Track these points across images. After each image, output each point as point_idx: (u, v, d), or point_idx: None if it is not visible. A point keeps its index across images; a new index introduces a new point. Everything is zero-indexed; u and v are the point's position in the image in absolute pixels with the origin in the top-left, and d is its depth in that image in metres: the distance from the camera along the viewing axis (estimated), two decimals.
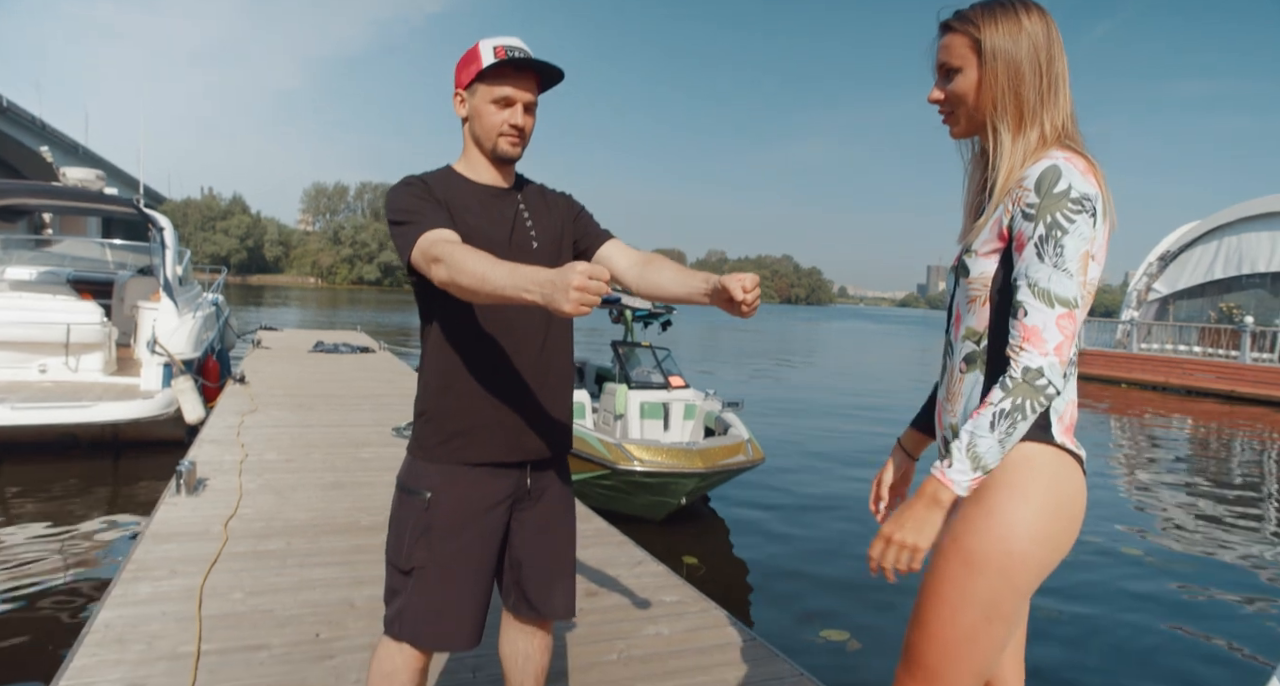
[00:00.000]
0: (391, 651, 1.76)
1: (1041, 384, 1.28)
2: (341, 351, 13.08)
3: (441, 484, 1.73)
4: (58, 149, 28.29)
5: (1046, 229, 1.29)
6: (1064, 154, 1.34)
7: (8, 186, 8.72)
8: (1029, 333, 1.29)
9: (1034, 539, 1.33)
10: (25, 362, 7.64)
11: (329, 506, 4.40)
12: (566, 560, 1.90)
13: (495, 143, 1.74)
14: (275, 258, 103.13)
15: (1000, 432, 1.29)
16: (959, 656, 1.36)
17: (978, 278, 1.41)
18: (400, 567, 1.74)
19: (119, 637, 2.70)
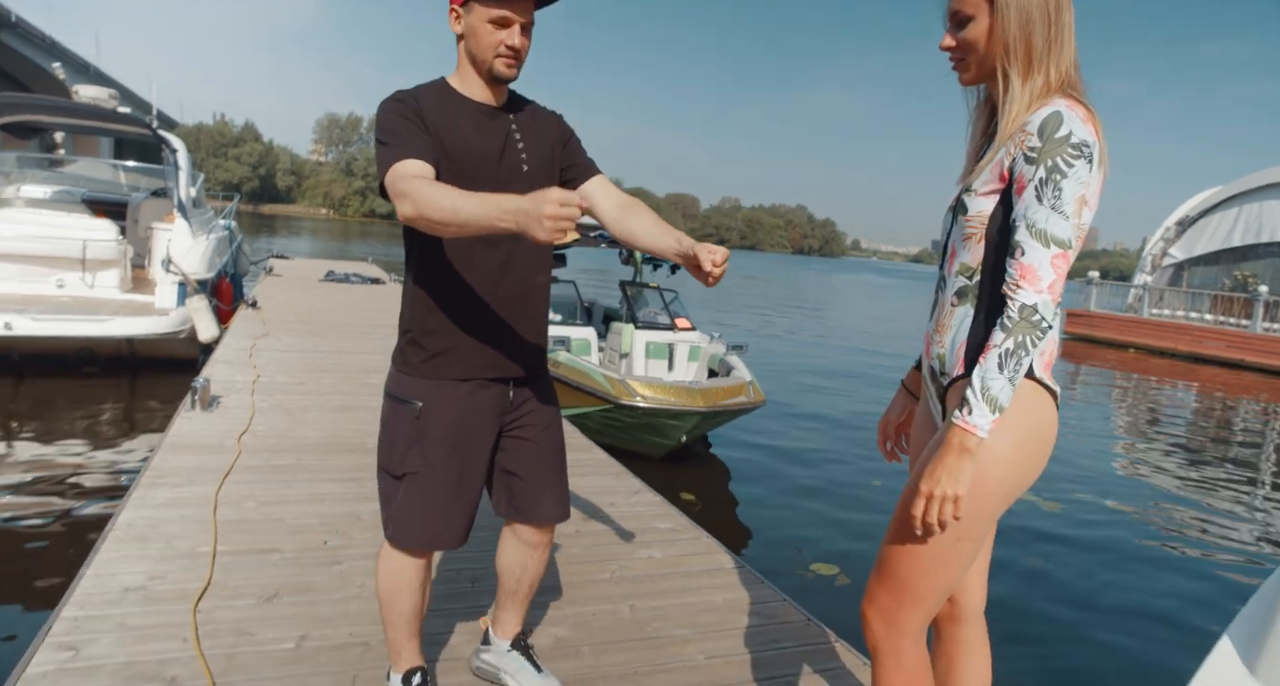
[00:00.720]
0: (391, 553, 1.87)
1: (1036, 319, 1.34)
2: (352, 281, 13.17)
3: (431, 395, 1.81)
4: (69, 67, 27.89)
5: (1047, 172, 1.35)
6: (1066, 102, 1.38)
7: (22, 100, 8.70)
8: (1025, 271, 1.35)
9: (1006, 465, 1.41)
10: (43, 277, 7.74)
11: (337, 427, 4.53)
12: (555, 468, 1.99)
13: (491, 64, 1.74)
14: (287, 187, 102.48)
15: (1009, 371, 1.34)
16: (928, 571, 1.46)
17: (975, 215, 1.47)
18: (393, 473, 1.83)
19: (140, 536, 2.84)
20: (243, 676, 2.07)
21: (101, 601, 2.38)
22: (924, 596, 1.48)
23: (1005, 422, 1.40)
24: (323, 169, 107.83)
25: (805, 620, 2.69)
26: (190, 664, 2.10)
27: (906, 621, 1.49)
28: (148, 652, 2.14)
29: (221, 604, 2.43)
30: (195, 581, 2.55)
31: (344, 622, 2.39)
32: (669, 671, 2.31)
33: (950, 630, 1.72)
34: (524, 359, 1.89)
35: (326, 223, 76.05)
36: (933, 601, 1.49)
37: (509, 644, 2.12)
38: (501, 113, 1.83)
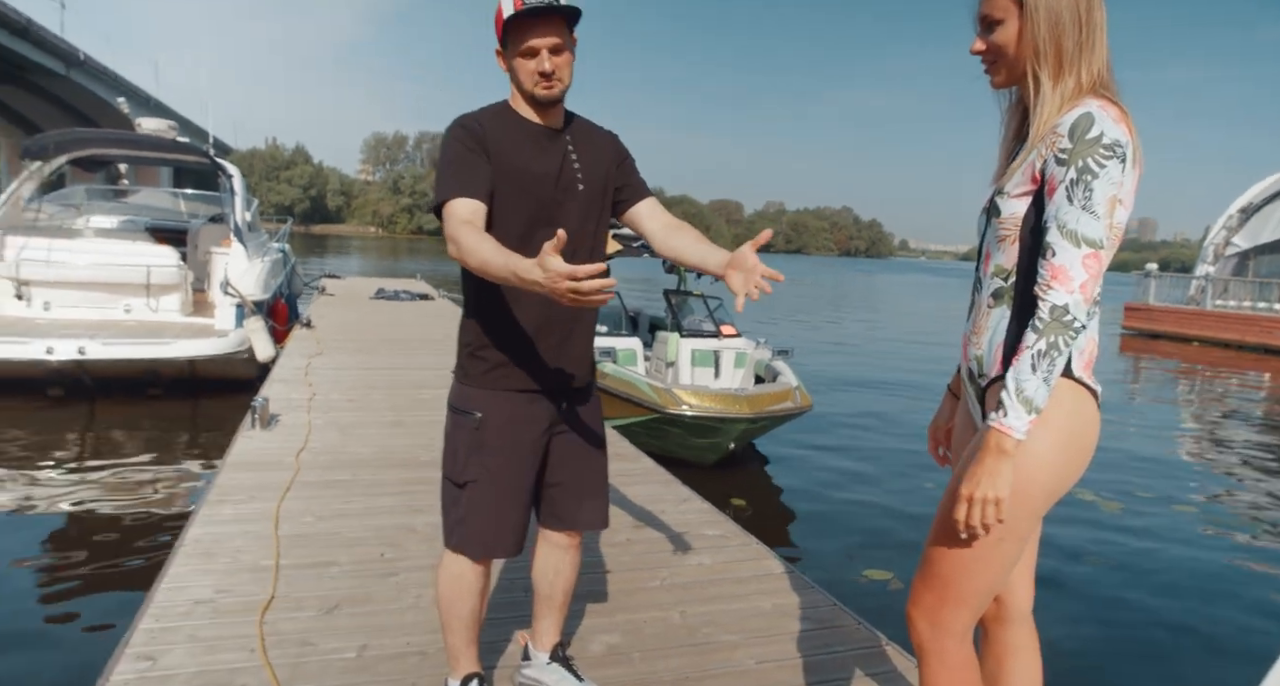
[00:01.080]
0: (452, 558, 1.94)
1: (1068, 320, 1.34)
2: (402, 298, 13.44)
3: (490, 406, 1.89)
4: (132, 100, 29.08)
5: (1078, 173, 1.35)
6: (1098, 102, 1.38)
7: (90, 135, 9.13)
8: (1056, 271, 1.35)
9: (1049, 466, 1.41)
10: (112, 303, 8.10)
11: (390, 442, 4.64)
12: (597, 479, 2.06)
13: (533, 91, 1.82)
14: (337, 207, 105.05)
15: (1043, 372, 1.34)
16: (971, 571, 1.47)
17: (1009, 218, 1.48)
18: (455, 481, 1.91)
19: (206, 551, 2.96)
20: (308, 684, 2.15)
21: (174, 614, 2.49)
22: (967, 596, 1.48)
23: (1044, 423, 1.39)
24: (371, 188, 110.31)
25: (856, 624, 2.69)
26: (258, 673, 2.19)
27: (951, 621, 1.50)
28: (218, 662, 2.23)
29: (285, 615, 2.52)
30: (260, 594, 2.65)
31: (401, 632, 2.47)
32: (719, 676, 2.33)
33: (997, 631, 1.71)
34: (576, 372, 1.97)
35: (376, 240, 77.68)
36: (977, 601, 1.49)
37: (548, 656, 2.16)
38: (559, 134, 1.91)
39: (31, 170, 8.92)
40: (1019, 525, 1.43)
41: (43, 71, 53.45)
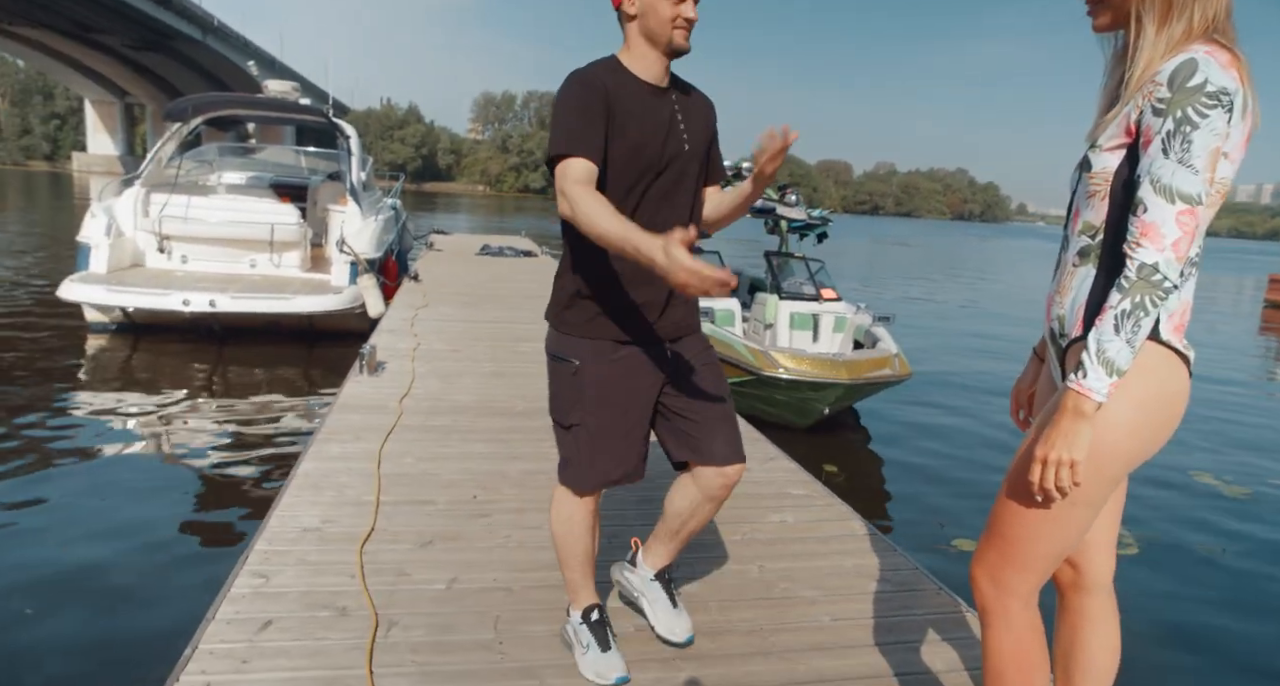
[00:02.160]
0: (563, 497, 2.02)
1: (1157, 279, 1.27)
2: (506, 254, 13.75)
3: (587, 353, 1.92)
4: (260, 64, 30.52)
5: (1175, 124, 1.26)
6: (1206, 47, 1.28)
7: (223, 98, 9.71)
8: (1147, 228, 1.27)
9: (1127, 430, 1.36)
10: (240, 258, 8.67)
11: (489, 391, 4.82)
12: (723, 411, 2.03)
13: (671, 36, 1.79)
14: (447, 166, 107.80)
15: (1126, 333, 1.28)
16: (1039, 534, 1.43)
17: (1099, 172, 1.40)
18: (562, 424, 1.98)
19: (315, 484, 3.18)
20: (400, 610, 2.30)
21: (285, 539, 2.69)
22: (1034, 559, 1.45)
23: (1124, 386, 1.33)
24: (480, 147, 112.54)
25: (937, 589, 2.65)
26: (357, 597, 2.35)
27: (1016, 582, 1.47)
28: (323, 584, 2.41)
29: (383, 547, 2.69)
30: (361, 526, 2.83)
31: (489, 569, 2.59)
32: (794, 630, 2.35)
33: (1075, 600, 1.67)
34: (676, 321, 1.98)
35: (484, 199, 79.52)
36: (1043, 565, 1.45)
37: (653, 573, 2.24)
38: (666, 92, 1.90)
39: (172, 131, 9.54)
40: (1093, 490, 1.38)
41: (182, 38, 56.75)
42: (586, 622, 2.07)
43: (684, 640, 2.15)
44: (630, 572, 2.29)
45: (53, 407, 5.58)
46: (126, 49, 59.92)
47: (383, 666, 2.03)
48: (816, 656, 2.23)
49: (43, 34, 58.37)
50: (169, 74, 68.46)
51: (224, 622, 2.17)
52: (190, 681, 1.92)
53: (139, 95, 76.80)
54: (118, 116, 79.15)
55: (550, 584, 2.51)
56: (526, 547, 2.78)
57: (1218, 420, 7.79)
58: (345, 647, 2.10)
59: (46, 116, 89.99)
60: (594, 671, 2.01)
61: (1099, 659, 1.67)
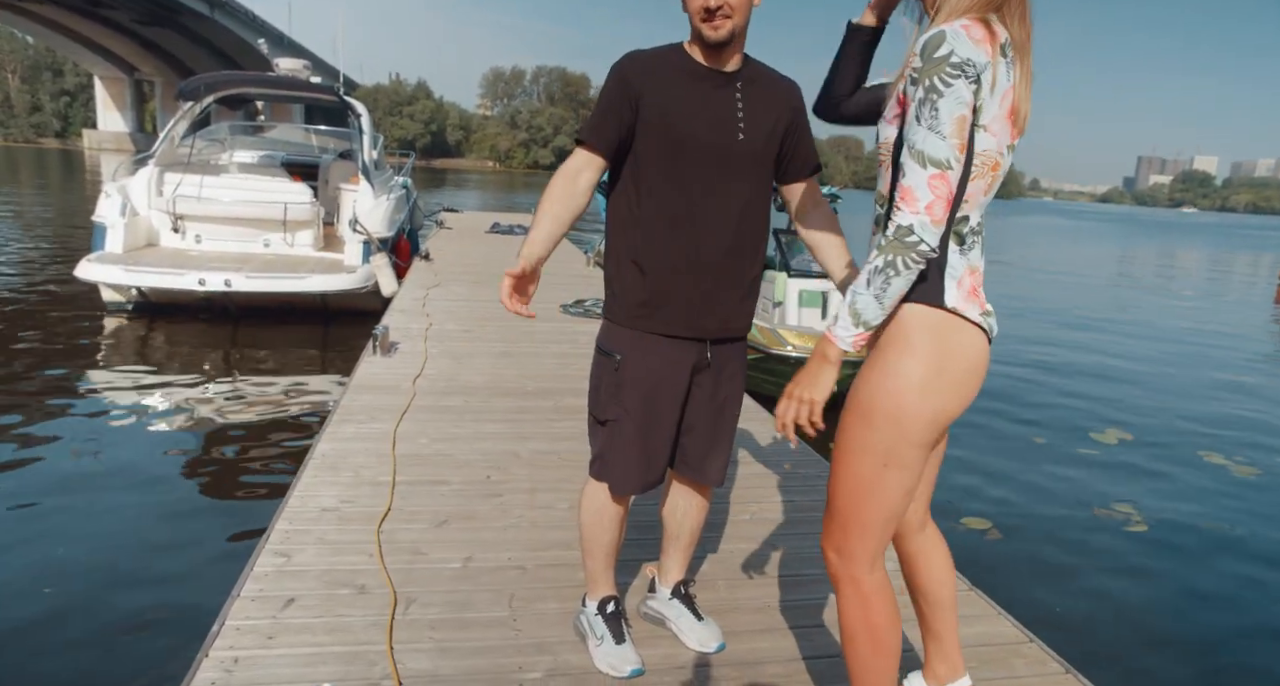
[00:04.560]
0: (595, 489, 2.02)
1: (912, 241, 1.33)
2: (516, 233, 13.78)
3: (631, 348, 1.91)
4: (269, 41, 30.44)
5: (925, 92, 1.32)
6: (962, 21, 1.34)
7: (233, 77, 9.72)
8: (904, 192, 1.34)
9: (921, 391, 1.42)
10: (253, 237, 8.72)
11: (500, 372, 4.88)
12: (727, 433, 2.06)
13: (699, 28, 1.76)
14: (457, 142, 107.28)
15: (875, 289, 1.36)
16: (864, 500, 1.50)
17: (884, 143, 1.47)
18: (598, 418, 1.97)
19: (332, 465, 3.25)
20: (418, 588, 2.37)
21: (305, 519, 2.76)
22: (866, 524, 1.51)
23: (910, 351, 1.42)
24: (489, 123, 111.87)
25: None
26: (375, 575, 2.42)
27: (856, 549, 1.53)
28: (343, 563, 2.48)
29: (400, 526, 2.76)
30: (378, 506, 2.90)
31: (503, 548, 2.66)
32: (801, 608, 2.41)
33: (904, 546, 1.80)
34: (722, 318, 1.92)
35: (493, 175, 79.21)
36: (876, 529, 1.52)
37: (670, 592, 2.25)
38: (729, 79, 1.83)
39: (185, 110, 9.56)
40: (901, 452, 1.45)
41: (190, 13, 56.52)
42: (602, 614, 2.10)
43: (715, 648, 2.15)
44: (652, 600, 2.29)
45: (71, 388, 5.68)
46: (135, 24, 59.75)
47: (402, 642, 2.10)
48: (822, 632, 2.29)
49: (51, 9, 58.24)
50: (178, 50, 68.29)
51: (249, 600, 2.24)
52: (219, 656, 2.00)
53: (148, 71, 76.71)
54: (127, 93, 79.17)
55: (562, 562, 2.58)
56: (539, 527, 2.84)
57: (1229, 400, 7.79)
58: (365, 624, 2.17)
59: (56, 93, 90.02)
60: (608, 663, 2.04)
61: (935, 588, 1.80)
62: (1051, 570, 3.95)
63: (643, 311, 1.89)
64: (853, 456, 1.48)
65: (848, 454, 1.49)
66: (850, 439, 1.48)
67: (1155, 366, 9.22)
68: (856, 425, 1.47)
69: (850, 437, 1.48)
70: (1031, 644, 2.29)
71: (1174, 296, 17.10)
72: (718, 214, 1.84)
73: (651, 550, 2.63)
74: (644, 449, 1.94)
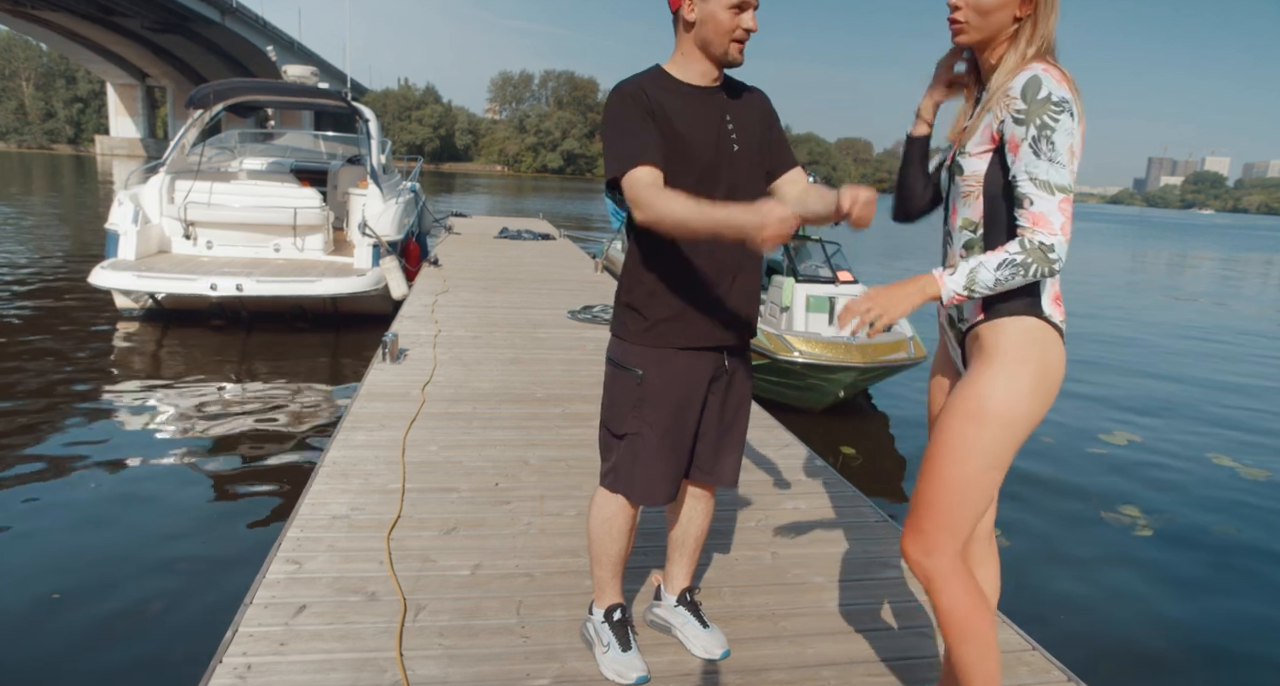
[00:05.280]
0: (606, 499, 2.04)
1: (1054, 257, 1.48)
2: (524, 238, 13.83)
3: (652, 363, 1.93)
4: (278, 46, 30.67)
5: (1038, 129, 1.49)
6: (1042, 65, 1.51)
7: (243, 85, 9.82)
8: (1037, 218, 1.49)
9: (1031, 397, 1.55)
10: (264, 242, 8.81)
11: (509, 379, 4.91)
12: (739, 436, 2.11)
13: (727, 48, 1.80)
14: (465, 146, 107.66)
15: (1001, 272, 1.49)
16: (964, 499, 1.59)
17: (971, 175, 1.62)
18: (614, 432, 2.00)
19: (343, 472, 3.29)
20: (427, 595, 2.41)
21: (316, 526, 2.81)
22: (958, 521, 1.60)
23: (1021, 360, 1.55)
24: (497, 127, 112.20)
25: None
26: (385, 583, 2.46)
27: (947, 545, 1.61)
28: (353, 571, 2.52)
29: (410, 534, 2.80)
30: (388, 513, 2.94)
31: (512, 555, 2.69)
32: (805, 615, 2.44)
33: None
34: (738, 328, 1.98)
35: (502, 179, 79.45)
36: (966, 526, 1.61)
37: (675, 599, 2.27)
38: (715, 95, 1.89)
39: (194, 118, 9.66)
40: (1004, 454, 1.58)
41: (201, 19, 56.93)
42: (609, 622, 2.13)
43: (720, 656, 2.18)
44: (658, 608, 2.32)
45: (85, 394, 5.75)
46: (146, 31, 60.24)
47: (412, 649, 2.14)
48: (826, 640, 2.31)
49: (63, 17, 58.77)
50: (188, 56, 68.81)
51: (261, 606, 2.28)
52: (233, 662, 2.04)
53: (159, 77, 77.36)
54: (139, 99, 79.85)
55: (570, 570, 2.61)
56: (547, 534, 2.88)
57: (1239, 402, 7.76)
58: (376, 631, 2.21)
59: (70, 100, 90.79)
60: (614, 671, 2.07)
61: None
62: (1056, 575, 3.95)
63: (663, 327, 1.92)
64: (960, 458, 1.57)
65: (954, 456, 1.58)
66: (958, 440, 1.57)
67: (1167, 367, 9.19)
68: (966, 428, 1.56)
69: (958, 440, 1.57)
70: (1034, 652, 2.31)
71: (1186, 296, 17.02)
72: None
73: (657, 557, 2.66)
74: (664, 461, 1.98)
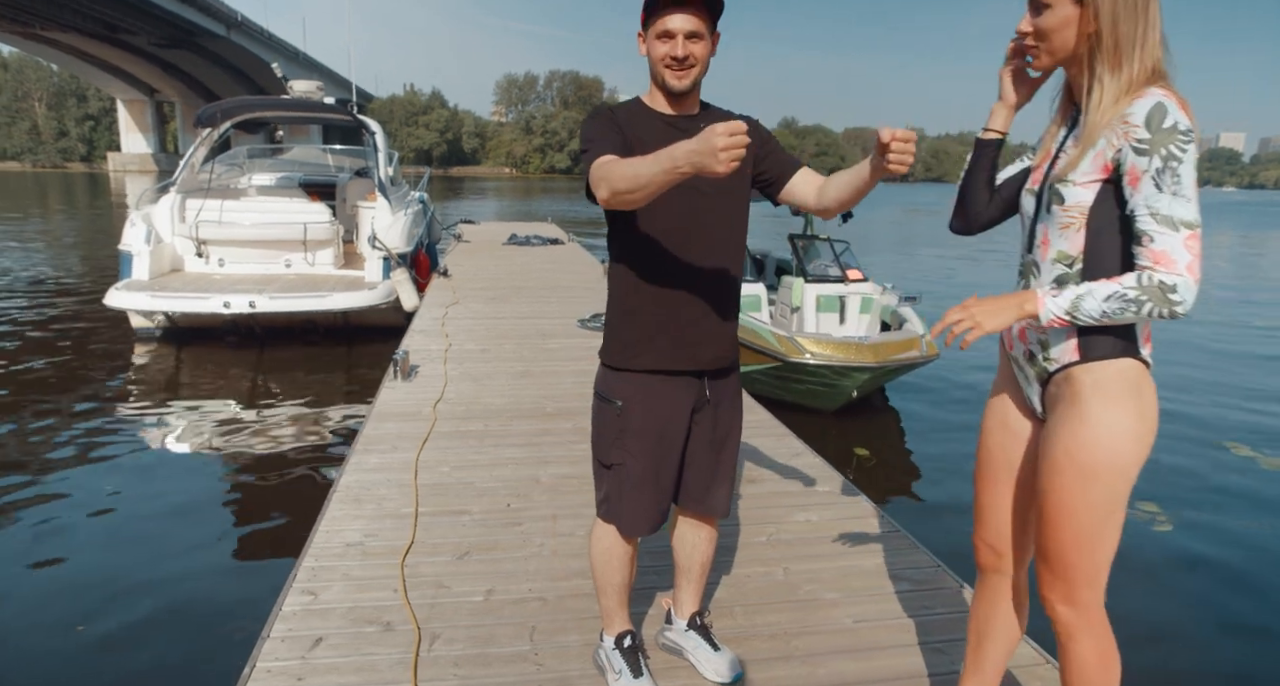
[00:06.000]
0: (604, 531, 2.07)
1: (1175, 299, 1.39)
2: (533, 243, 13.87)
3: (631, 393, 1.96)
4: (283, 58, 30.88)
5: (1163, 161, 1.39)
6: (1163, 92, 1.41)
7: (252, 102, 9.92)
8: (1158, 256, 1.39)
9: (1138, 440, 1.51)
10: (275, 258, 8.89)
11: (519, 393, 4.94)
12: (728, 466, 2.13)
13: (662, 75, 1.84)
14: (473, 149, 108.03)
15: (1108, 306, 1.42)
16: (1094, 552, 1.56)
17: (1074, 206, 1.52)
18: (603, 462, 2.03)
19: (356, 497, 3.32)
20: (441, 624, 2.43)
21: (330, 554, 2.84)
22: (1096, 572, 1.57)
23: (1122, 403, 1.49)
24: (504, 129, 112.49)
25: (958, 586, 2.72)
26: (400, 611, 2.48)
27: (1090, 598, 1.58)
28: (368, 600, 2.55)
29: (423, 559, 2.83)
30: (401, 539, 2.96)
31: (524, 579, 2.71)
32: (817, 633, 2.44)
33: (994, 579, 1.84)
34: (715, 351, 1.99)
35: (510, 181, 79.62)
36: (1104, 573, 1.58)
37: (686, 624, 2.30)
38: (691, 122, 1.89)
39: (203, 137, 9.75)
40: (1122, 500, 1.54)
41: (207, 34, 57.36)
42: (619, 648, 2.15)
43: (732, 679, 2.19)
44: (669, 632, 2.34)
45: (101, 416, 5.82)
46: (153, 47, 60.81)
47: (427, 681, 2.16)
48: (838, 659, 2.32)
49: (72, 37, 59.39)
50: (195, 70, 69.38)
51: (278, 640, 2.31)
52: None
53: (168, 93, 78.09)
54: (149, 115, 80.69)
55: (583, 592, 2.63)
56: (560, 555, 2.89)
57: (1258, 393, 7.68)
58: (391, 662, 2.23)
59: (81, 118, 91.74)
60: None
61: (1008, 631, 1.86)
62: None
63: (636, 349, 1.95)
64: (1078, 513, 1.53)
65: (1072, 512, 1.53)
66: (1073, 497, 1.52)
67: (1185, 358, 9.10)
68: (1077, 484, 1.51)
69: (1072, 496, 1.52)
70: (1049, 666, 2.30)
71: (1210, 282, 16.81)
72: (701, 244, 1.91)
73: (666, 577, 2.67)
74: (651, 491, 2.00)
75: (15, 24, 55.07)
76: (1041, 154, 1.65)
